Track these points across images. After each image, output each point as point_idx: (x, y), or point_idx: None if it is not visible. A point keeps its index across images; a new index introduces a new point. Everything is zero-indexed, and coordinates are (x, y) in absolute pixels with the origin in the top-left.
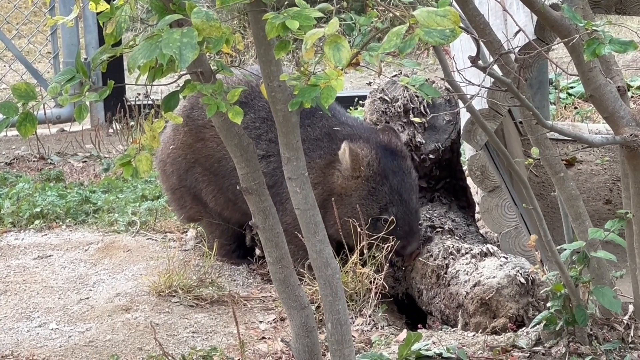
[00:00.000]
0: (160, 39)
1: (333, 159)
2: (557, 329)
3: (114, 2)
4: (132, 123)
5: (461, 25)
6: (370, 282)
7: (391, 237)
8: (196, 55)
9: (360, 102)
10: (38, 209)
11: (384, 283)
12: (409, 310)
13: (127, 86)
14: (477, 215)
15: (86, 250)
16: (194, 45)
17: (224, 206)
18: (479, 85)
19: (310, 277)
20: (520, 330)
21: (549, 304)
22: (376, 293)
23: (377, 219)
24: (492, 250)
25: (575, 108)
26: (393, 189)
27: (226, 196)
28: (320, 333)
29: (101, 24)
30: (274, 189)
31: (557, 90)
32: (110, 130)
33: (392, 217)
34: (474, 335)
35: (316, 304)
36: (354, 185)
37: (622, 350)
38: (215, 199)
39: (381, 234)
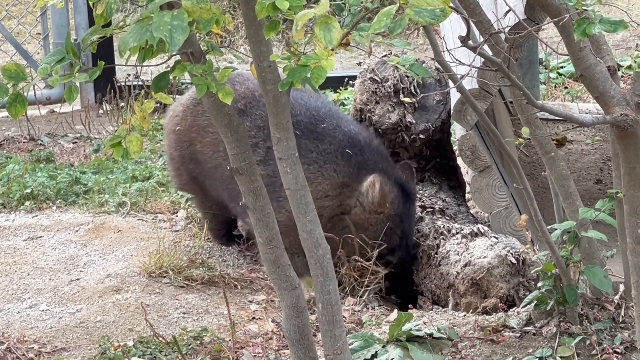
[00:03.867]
0: (151, 22)
1: (350, 182)
2: (548, 308)
3: None
4: (122, 104)
5: (451, 5)
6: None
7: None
8: (186, 38)
9: (351, 82)
10: (28, 190)
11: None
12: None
13: (117, 67)
14: (467, 195)
15: (77, 231)
16: (185, 28)
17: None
18: (469, 65)
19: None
20: (511, 310)
21: (539, 284)
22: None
23: (380, 258)
24: (482, 230)
25: (566, 88)
26: (404, 233)
27: (221, 196)
28: (311, 313)
29: (91, 5)
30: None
31: (547, 70)
32: (101, 111)
33: (395, 260)
34: (464, 316)
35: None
36: (373, 220)
37: (613, 329)
38: (213, 189)
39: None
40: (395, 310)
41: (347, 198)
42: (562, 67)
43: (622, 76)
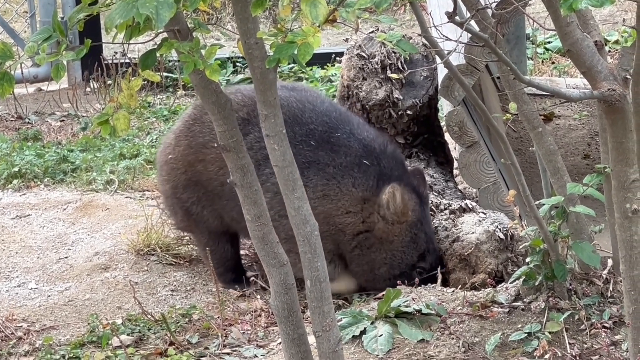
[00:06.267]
0: None
1: (369, 196)
2: (537, 284)
3: None
4: (110, 82)
5: None
6: None
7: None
8: (173, 14)
9: (338, 58)
10: (16, 169)
11: None
12: None
13: (104, 45)
14: (455, 171)
15: (64, 209)
16: (171, 4)
17: (222, 224)
18: (456, 41)
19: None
20: (500, 285)
21: (528, 259)
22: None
23: (413, 267)
24: (470, 206)
25: (553, 63)
26: (428, 236)
27: (230, 216)
28: (299, 290)
29: None
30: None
31: (534, 45)
32: (88, 89)
33: (428, 266)
34: (453, 291)
35: None
36: (397, 231)
37: (602, 304)
38: (214, 218)
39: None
40: None
41: (369, 214)
42: (549, 42)
43: (609, 51)
